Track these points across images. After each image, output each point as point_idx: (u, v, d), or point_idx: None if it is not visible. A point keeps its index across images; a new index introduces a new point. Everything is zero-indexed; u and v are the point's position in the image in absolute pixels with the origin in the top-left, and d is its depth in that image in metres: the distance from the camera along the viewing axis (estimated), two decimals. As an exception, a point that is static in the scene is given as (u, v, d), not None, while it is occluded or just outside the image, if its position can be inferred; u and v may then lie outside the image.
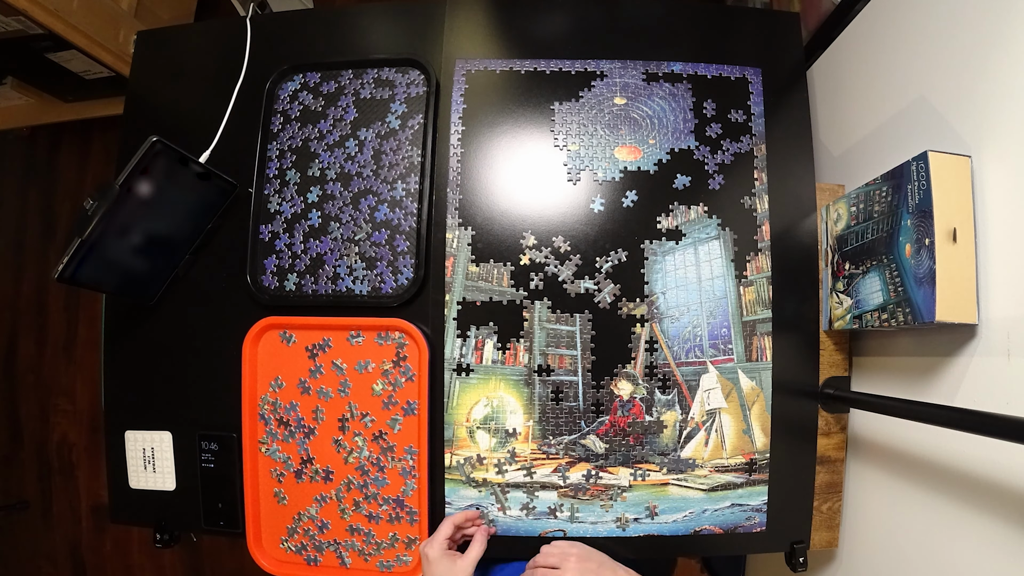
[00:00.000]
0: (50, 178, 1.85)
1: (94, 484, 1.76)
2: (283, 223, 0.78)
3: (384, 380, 0.73)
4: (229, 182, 0.77)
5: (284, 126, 0.80)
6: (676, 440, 0.73)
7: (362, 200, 0.77)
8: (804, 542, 0.74)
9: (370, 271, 0.75)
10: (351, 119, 0.79)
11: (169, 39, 0.88)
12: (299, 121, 0.80)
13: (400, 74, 0.80)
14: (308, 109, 0.80)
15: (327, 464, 0.74)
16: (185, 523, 0.80)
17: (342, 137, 0.78)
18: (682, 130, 0.77)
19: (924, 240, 0.57)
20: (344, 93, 0.80)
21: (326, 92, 0.80)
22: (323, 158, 0.78)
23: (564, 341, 0.74)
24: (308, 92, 0.81)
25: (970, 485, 0.57)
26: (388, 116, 0.78)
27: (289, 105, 0.81)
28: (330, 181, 0.78)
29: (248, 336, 0.74)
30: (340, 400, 0.74)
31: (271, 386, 0.75)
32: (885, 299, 0.63)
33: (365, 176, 0.77)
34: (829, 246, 0.74)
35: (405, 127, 0.78)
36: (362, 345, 0.74)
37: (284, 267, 0.77)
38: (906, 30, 0.70)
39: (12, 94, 1.63)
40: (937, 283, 0.55)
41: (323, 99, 0.80)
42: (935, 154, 0.57)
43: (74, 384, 1.78)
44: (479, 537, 0.65)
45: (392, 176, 0.77)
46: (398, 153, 0.77)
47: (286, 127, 0.80)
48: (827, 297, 0.74)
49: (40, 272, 1.82)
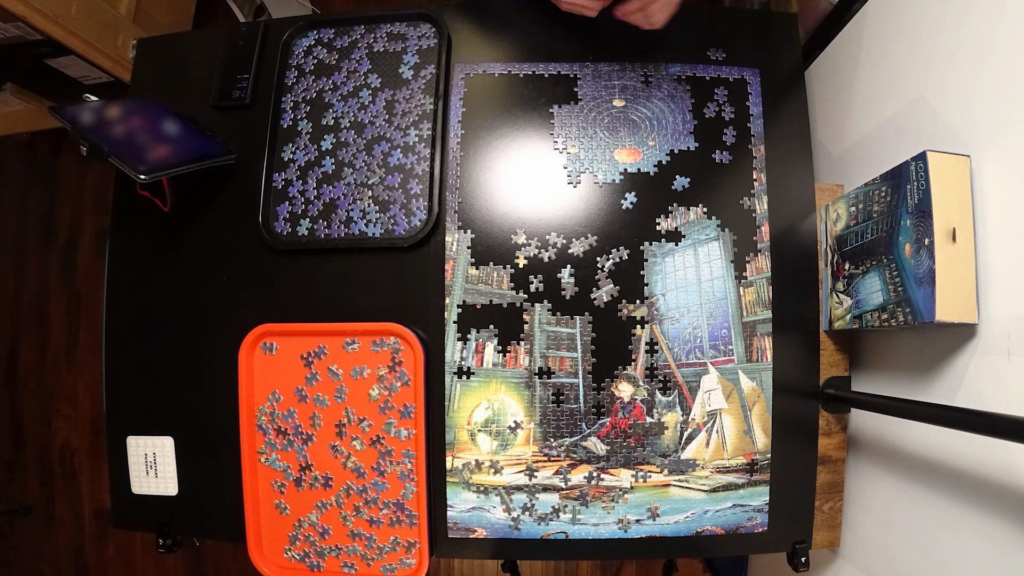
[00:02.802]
0: (50, 184, 1.85)
1: (96, 488, 1.77)
2: (297, 171, 0.79)
3: (380, 385, 0.73)
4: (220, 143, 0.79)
5: (299, 79, 0.82)
6: (677, 441, 0.73)
7: (375, 147, 0.78)
8: (806, 542, 0.74)
9: (383, 214, 0.76)
10: (364, 70, 0.81)
11: (170, 46, 0.88)
12: (313, 74, 0.82)
13: (411, 27, 0.82)
14: (322, 63, 0.82)
15: (326, 471, 0.74)
16: (188, 528, 0.80)
17: (356, 88, 0.80)
18: (681, 131, 0.77)
19: (924, 240, 0.57)
20: (357, 47, 0.82)
21: (339, 47, 0.83)
22: (337, 108, 0.80)
23: (564, 343, 0.74)
24: (322, 47, 0.83)
25: (970, 485, 0.57)
26: (401, 67, 0.80)
27: (304, 60, 0.83)
28: (344, 129, 0.79)
29: (244, 344, 0.74)
30: (337, 406, 0.74)
31: (268, 399, 0.75)
32: (885, 299, 0.63)
33: (378, 124, 0.79)
34: (828, 246, 0.74)
35: (418, 77, 0.80)
36: (358, 351, 0.74)
37: (297, 213, 0.78)
38: (904, 30, 0.71)
39: (11, 100, 1.63)
40: (937, 283, 0.55)
41: (337, 53, 0.82)
42: (934, 154, 0.57)
43: (76, 389, 1.78)
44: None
45: (405, 123, 0.78)
46: (411, 102, 0.79)
47: (300, 80, 0.82)
48: (827, 297, 0.74)
49: (41, 277, 1.82)
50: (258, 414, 0.75)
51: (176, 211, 0.80)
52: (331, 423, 0.74)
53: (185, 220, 0.81)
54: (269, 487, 0.76)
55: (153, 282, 0.81)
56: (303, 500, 0.75)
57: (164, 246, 0.81)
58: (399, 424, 0.73)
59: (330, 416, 0.74)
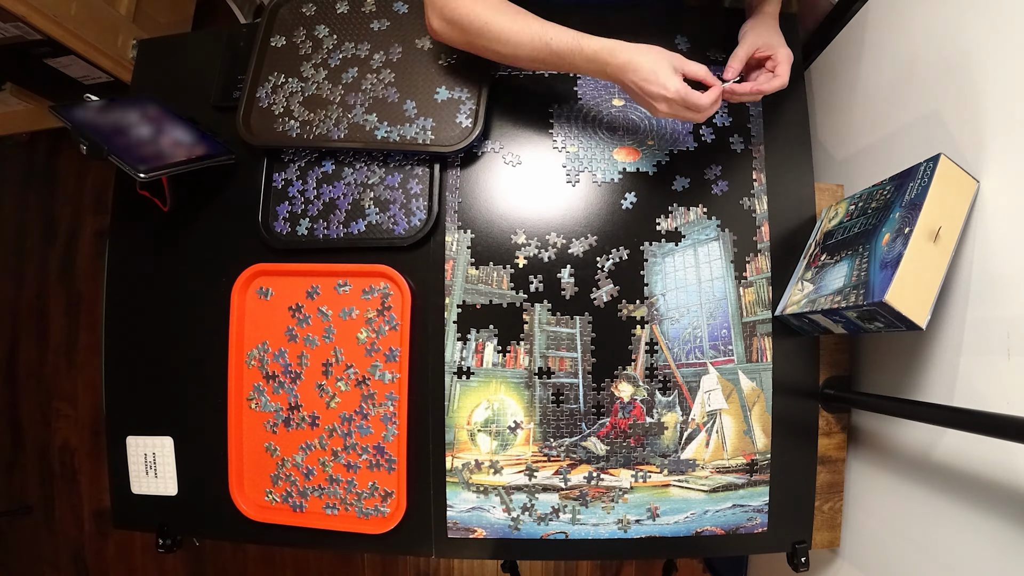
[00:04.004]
0: (50, 183, 1.85)
1: (96, 488, 1.76)
2: (296, 170, 0.79)
3: (368, 328, 0.74)
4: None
5: None
6: (677, 441, 0.73)
7: None
8: (806, 542, 0.74)
9: (383, 213, 0.76)
10: None
11: (170, 47, 0.88)
12: None
13: None
14: None
15: (312, 410, 0.75)
16: (187, 527, 0.80)
17: None
18: (681, 131, 0.77)
19: (904, 229, 0.57)
20: None
21: None
22: None
23: (564, 343, 0.74)
24: None
25: (970, 485, 0.57)
26: None
27: None
28: None
29: (237, 284, 0.75)
30: (325, 346, 0.75)
31: (258, 347, 0.76)
32: (845, 283, 0.62)
33: None
34: (815, 240, 0.74)
35: None
36: (348, 294, 0.75)
37: (297, 212, 0.78)
38: (902, 30, 0.71)
39: (11, 100, 1.63)
40: (900, 268, 0.54)
41: None
42: (947, 160, 0.57)
43: (75, 389, 1.78)
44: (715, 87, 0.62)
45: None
46: None
47: None
48: (791, 285, 0.74)
49: (40, 277, 1.82)
50: (247, 359, 0.76)
51: (176, 211, 0.80)
52: (318, 362, 0.75)
53: (185, 220, 0.81)
54: (260, 428, 0.76)
55: (153, 282, 0.81)
56: (291, 440, 0.76)
57: (164, 246, 0.81)
58: (384, 367, 0.74)
59: (318, 356, 0.75)
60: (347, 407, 0.75)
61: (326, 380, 0.75)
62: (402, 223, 0.76)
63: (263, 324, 0.77)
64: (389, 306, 0.74)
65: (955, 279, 0.59)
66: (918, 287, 0.54)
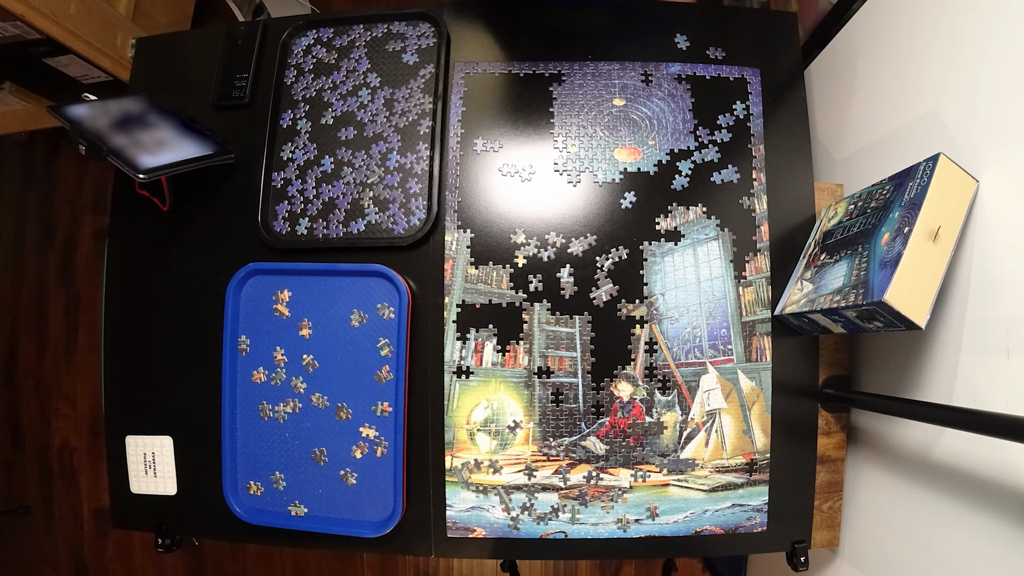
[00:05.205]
0: (49, 183, 1.85)
1: (95, 488, 1.77)
2: (296, 170, 0.79)
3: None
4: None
5: (298, 78, 0.82)
6: (676, 441, 0.73)
7: (374, 145, 0.78)
8: (805, 542, 0.74)
9: (383, 213, 0.76)
10: (364, 69, 0.81)
11: (169, 46, 0.88)
12: (312, 73, 0.82)
13: (411, 27, 0.82)
14: (321, 62, 0.82)
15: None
16: (187, 527, 0.80)
17: (355, 87, 0.81)
18: (681, 131, 0.77)
19: (904, 229, 0.57)
20: (356, 46, 0.82)
21: (339, 46, 0.83)
22: (336, 107, 0.80)
23: (564, 343, 0.74)
24: (321, 46, 0.83)
25: (970, 484, 0.57)
26: (400, 66, 0.81)
27: (303, 59, 0.83)
28: (343, 128, 0.79)
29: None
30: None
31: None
32: (844, 282, 0.62)
33: (379, 123, 0.79)
34: (814, 239, 0.74)
35: (416, 76, 0.80)
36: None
37: (296, 212, 0.78)
38: (902, 29, 0.70)
39: (10, 99, 1.63)
40: (899, 267, 0.54)
41: (336, 52, 0.82)
42: (946, 160, 0.57)
43: (75, 389, 1.78)
44: None
45: (404, 123, 0.78)
46: (410, 100, 0.79)
47: (299, 79, 0.82)
48: (791, 285, 0.74)
49: (40, 276, 1.82)
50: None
51: (175, 210, 0.80)
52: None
53: (184, 219, 0.80)
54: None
55: (152, 282, 0.81)
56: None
57: (163, 245, 0.81)
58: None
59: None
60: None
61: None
62: (401, 222, 0.76)
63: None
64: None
65: (954, 279, 0.59)
66: (917, 287, 0.54)
